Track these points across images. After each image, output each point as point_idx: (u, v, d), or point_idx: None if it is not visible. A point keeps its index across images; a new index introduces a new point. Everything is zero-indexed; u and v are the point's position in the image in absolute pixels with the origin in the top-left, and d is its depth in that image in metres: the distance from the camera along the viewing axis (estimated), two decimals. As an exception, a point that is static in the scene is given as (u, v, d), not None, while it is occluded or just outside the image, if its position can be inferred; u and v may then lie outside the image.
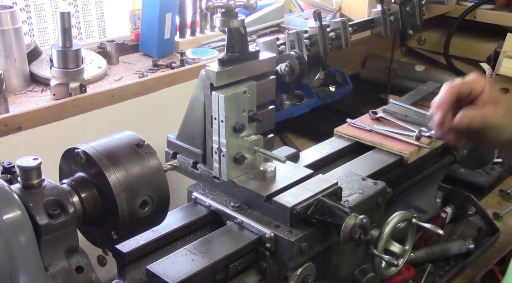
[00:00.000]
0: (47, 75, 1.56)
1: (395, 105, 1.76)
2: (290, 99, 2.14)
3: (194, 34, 2.01)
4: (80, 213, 0.95)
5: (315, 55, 2.00)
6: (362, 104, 2.29)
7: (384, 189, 1.31)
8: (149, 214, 0.99)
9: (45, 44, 1.78)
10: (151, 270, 1.05)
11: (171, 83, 1.69)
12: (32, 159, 0.90)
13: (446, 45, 2.83)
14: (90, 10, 1.87)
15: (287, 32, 1.95)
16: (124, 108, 1.58)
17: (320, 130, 1.96)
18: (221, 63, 1.18)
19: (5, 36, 1.51)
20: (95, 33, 1.91)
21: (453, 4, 2.90)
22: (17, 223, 0.84)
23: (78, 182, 0.97)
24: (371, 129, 1.62)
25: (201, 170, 1.30)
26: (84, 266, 0.94)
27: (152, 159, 1.00)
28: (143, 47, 1.92)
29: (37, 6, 1.74)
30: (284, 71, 1.82)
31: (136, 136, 1.02)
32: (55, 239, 0.89)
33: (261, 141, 1.26)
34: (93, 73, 1.67)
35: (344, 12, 2.46)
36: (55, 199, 0.90)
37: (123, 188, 0.95)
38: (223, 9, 1.17)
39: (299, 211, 1.14)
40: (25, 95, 1.55)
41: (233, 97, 1.16)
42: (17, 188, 0.89)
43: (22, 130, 1.37)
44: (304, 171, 1.29)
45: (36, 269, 0.87)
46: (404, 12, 2.28)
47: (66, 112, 1.46)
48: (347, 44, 2.07)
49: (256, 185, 1.22)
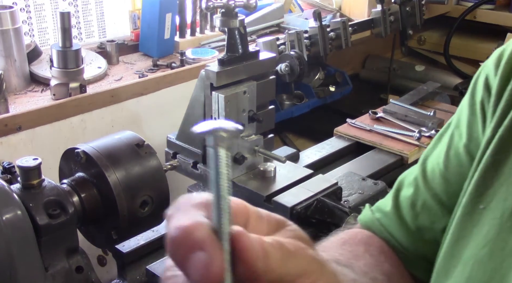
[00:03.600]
0: (47, 75, 1.56)
1: (395, 105, 1.76)
2: (290, 99, 2.14)
3: (194, 34, 2.01)
4: (80, 213, 0.95)
5: (315, 55, 2.00)
6: (362, 104, 2.29)
7: (384, 189, 1.31)
8: (149, 214, 0.99)
9: (45, 44, 1.78)
10: (151, 270, 1.05)
11: (171, 83, 1.69)
12: (32, 159, 0.90)
13: (446, 45, 2.83)
14: (90, 10, 1.87)
15: (287, 32, 1.95)
16: (124, 108, 1.58)
17: (320, 130, 1.96)
18: (221, 63, 1.18)
19: (5, 36, 1.51)
20: (95, 33, 1.91)
21: (453, 4, 2.90)
22: (17, 223, 0.84)
23: (78, 182, 0.97)
24: (371, 129, 1.62)
25: (201, 170, 1.30)
26: (84, 266, 0.94)
27: (152, 159, 1.00)
28: (143, 47, 1.92)
29: (37, 6, 1.74)
30: (284, 71, 1.82)
31: (136, 136, 1.02)
32: (55, 239, 0.89)
33: (261, 141, 1.26)
34: (93, 73, 1.67)
35: (344, 12, 2.46)
36: (55, 199, 0.90)
37: (123, 188, 0.95)
38: (223, 9, 1.17)
39: (299, 211, 1.14)
40: (25, 95, 1.55)
41: (233, 97, 1.16)
42: (17, 188, 0.89)
43: (22, 130, 1.37)
44: (304, 171, 1.29)
45: (36, 269, 0.87)
46: (404, 12, 2.28)
47: (66, 112, 1.46)
48: (347, 44, 2.07)
49: (256, 185, 1.22)
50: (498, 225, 0.60)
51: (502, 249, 0.59)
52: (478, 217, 0.63)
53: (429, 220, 0.74)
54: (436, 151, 0.77)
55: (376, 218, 0.79)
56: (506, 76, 0.65)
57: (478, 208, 0.63)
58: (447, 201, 0.72)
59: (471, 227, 0.63)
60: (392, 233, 0.77)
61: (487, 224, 0.61)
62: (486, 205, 0.62)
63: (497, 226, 0.60)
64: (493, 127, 0.64)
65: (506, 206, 0.60)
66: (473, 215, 0.63)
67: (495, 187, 0.62)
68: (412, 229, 0.75)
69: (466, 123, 0.71)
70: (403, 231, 0.76)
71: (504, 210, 0.60)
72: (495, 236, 0.60)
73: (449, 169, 0.72)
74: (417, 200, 0.76)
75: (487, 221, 0.61)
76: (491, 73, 0.68)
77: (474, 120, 0.70)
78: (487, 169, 0.63)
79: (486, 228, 0.61)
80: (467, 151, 0.70)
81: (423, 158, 0.78)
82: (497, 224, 0.60)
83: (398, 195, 0.79)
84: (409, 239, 0.76)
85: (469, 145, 0.70)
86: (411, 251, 0.76)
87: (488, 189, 0.62)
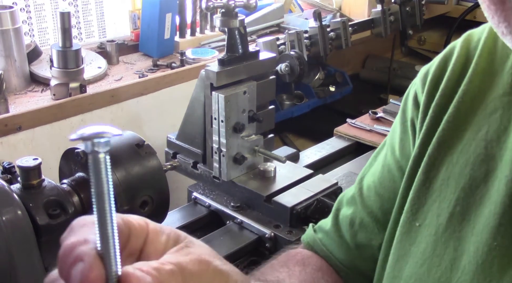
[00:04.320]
0: (47, 75, 1.56)
1: (395, 105, 1.76)
2: (290, 99, 2.14)
3: (194, 34, 2.01)
4: (80, 213, 0.95)
5: (315, 55, 2.00)
6: (362, 104, 2.29)
7: (384, 189, 1.31)
8: (149, 214, 0.99)
9: (45, 44, 1.78)
10: (151, 270, 1.05)
11: (171, 83, 1.69)
12: (32, 159, 0.90)
13: (446, 45, 2.81)
14: (90, 10, 1.87)
15: (287, 32, 1.95)
16: (124, 108, 1.58)
17: (320, 130, 1.96)
18: (221, 63, 1.18)
19: (5, 36, 1.51)
20: (95, 33, 1.91)
21: (453, 4, 2.90)
22: (17, 223, 0.84)
23: (78, 182, 0.97)
24: (371, 129, 1.62)
25: (201, 170, 1.30)
26: (84, 266, 0.93)
27: (152, 159, 1.00)
28: (143, 47, 1.92)
29: (37, 6, 1.74)
30: (284, 71, 1.82)
31: (136, 136, 1.02)
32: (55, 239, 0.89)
33: (261, 141, 1.26)
34: (93, 73, 1.67)
35: (344, 12, 2.45)
36: (55, 199, 0.90)
37: (123, 188, 0.95)
38: (223, 9, 1.17)
39: (299, 211, 1.14)
40: (25, 95, 1.55)
41: (233, 97, 1.16)
42: (17, 188, 0.89)
43: (22, 130, 1.37)
44: (304, 171, 1.29)
45: (36, 269, 0.87)
46: (404, 12, 2.28)
47: (66, 112, 1.46)
48: (347, 44, 2.07)
49: (256, 185, 1.22)
50: (433, 242, 0.61)
51: (438, 265, 0.60)
52: (415, 235, 0.64)
53: (367, 238, 0.76)
54: (372, 169, 0.79)
55: (318, 237, 0.82)
56: (431, 93, 0.66)
57: (415, 226, 0.64)
58: (382, 218, 0.74)
59: (409, 245, 0.64)
60: (332, 252, 0.79)
61: (424, 242, 0.62)
62: (421, 222, 0.63)
63: (432, 243, 0.61)
64: (419, 143, 0.66)
65: (439, 222, 0.61)
66: (410, 233, 0.64)
67: (429, 204, 0.63)
68: (351, 247, 0.77)
69: (398, 141, 0.73)
70: (343, 250, 0.78)
71: (438, 226, 0.61)
72: (431, 252, 0.61)
73: (383, 185, 0.74)
74: (355, 218, 0.78)
75: (423, 239, 0.63)
76: (419, 90, 0.69)
77: (405, 138, 0.71)
78: (419, 187, 0.64)
79: (423, 246, 0.62)
80: (399, 168, 0.72)
81: (360, 177, 0.81)
82: (432, 241, 0.61)
83: (338, 214, 0.81)
84: (349, 257, 0.78)
85: (401, 161, 0.72)
86: (351, 269, 0.78)
87: (422, 206, 0.64)
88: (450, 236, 0.60)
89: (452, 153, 0.62)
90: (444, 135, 0.63)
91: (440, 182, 0.62)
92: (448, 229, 0.60)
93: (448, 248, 0.59)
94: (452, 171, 0.62)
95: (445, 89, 0.65)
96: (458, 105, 0.63)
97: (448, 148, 0.63)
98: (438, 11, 2.83)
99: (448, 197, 0.61)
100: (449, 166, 0.62)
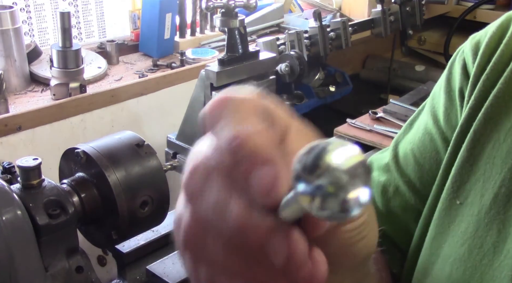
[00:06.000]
0: (47, 75, 1.56)
1: (395, 105, 1.76)
2: (290, 99, 2.14)
3: (194, 34, 2.01)
4: (80, 213, 0.95)
5: (315, 55, 2.00)
6: (362, 104, 2.29)
7: (384, 189, 1.31)
8: (149, 214, 0.99)
9: (45, 44, 1.78)
10: (151, 270, 1.05)
11: (171, 83, 1.69)
12: (32, 159, 0.90)
13: (446, 45, 2.83)
14: (90, 10, 1.87)
15: (287, 32, 1.95)
16: (124, 108, 1.58)
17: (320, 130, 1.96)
18: (221, 63, 1.18)
19: (5, 36, 1.51)
20: (95, 33, 1.91)
21: (453, 4, 2.90)
22: (17, 223, 0.84)
23: (78, 182, 0.97)
24: (371, 129, 1.62)
25: (201, 170, 1.30)
26: (84, 266, 0.94)
27: (152, 159, 1.00)
28: (143, 47, 1.92)
29: (37, 6, 1.74)
30: (284, 71, 1.82)
31: (136, 136, 1.02)
32: (55, 239, 0.89)
33: (261, 141, 1.25)
34: (93, 73, 1.67)
35: (344, 12, 2.46)
36: (55, 199, 0.90)
37: (123, 188, 0.95)
38: (223, 9, 1.17)
39: (299, 211, 1.14)
40: (25, 95, 1.55)
41: (233, 97, 1.16)
42: (17, 188, 0.89)
43: (22, 130, 1.37)
44: (304, 171, 1.29)
45: (36, 269, 0.87)
46: (404, 12, 2.28)
47: (66, 112, 1.46)
48: (347, 44, 2.07)
49: (256, 185, 1.22)
50: (475, 222, 0.59)
51: (480, 247, 0.58)
52: (455, 213, 0.61)
53: (402, 206, 0.72)
54: (408, 136, 0.75)
55: None
56: (483, 65, 0.63)
57: (455, 203, 0.61)
58: (421, 189, 0.70)
59: (448, 223, 0.62)
60: None
61: (465, 221, 0.60)
62: (462, 200, 0.61)
63: (474, 223, 0.59)
64: (465, 116, 0.63)
65: (483, 203, 0.58)
66: (450, 211, 0.62)
67: (471, 182, 0.60)
68: (383, 213, 0.73)
69: (443, 110, 0.69)
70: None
71: (481, 206, 0.58)
72: (473, 233, 0.59)
73: (424, 155, 0.70)
74: (389, 186, 0.73)
75: (464, 218, 0.60)
76: (469, 59, 0.66)
77: (452, 107, 0.68)
78: (462, 164, 0.61)
79: (464, 225, 0.60)
80: (444, 138, 0.68)
81: (394, 144, 0.76)
82: (474, 221, 0.59)
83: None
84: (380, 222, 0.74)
85: (446, 132, 0.68)
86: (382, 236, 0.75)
87: (464, 184, 0.61)
88: (493, 218, 0.57)
89: (499, 130, 0.59)
90: (492, 111, 0.60)
91: (485, 160, 0.59)
92: (491, 210, 0.57)
93: (491, 230, 0.57)
94: (499, 149, 0.58)
95: (498, 63, 0.61)
96: (509, 80, 0.60)
97: (495, 125, 0.59)
98: (438, 11, 2.83)
99: (493, 177, 0.58)
100: (496, 144, 0.59)
